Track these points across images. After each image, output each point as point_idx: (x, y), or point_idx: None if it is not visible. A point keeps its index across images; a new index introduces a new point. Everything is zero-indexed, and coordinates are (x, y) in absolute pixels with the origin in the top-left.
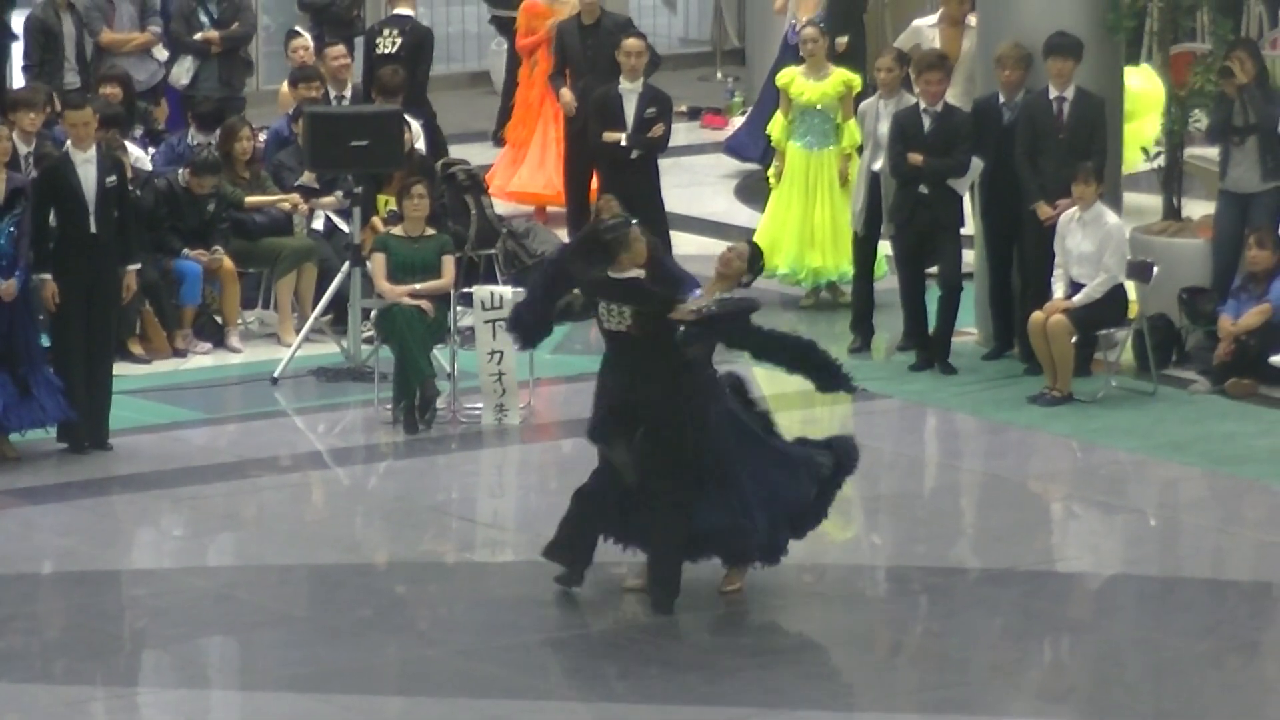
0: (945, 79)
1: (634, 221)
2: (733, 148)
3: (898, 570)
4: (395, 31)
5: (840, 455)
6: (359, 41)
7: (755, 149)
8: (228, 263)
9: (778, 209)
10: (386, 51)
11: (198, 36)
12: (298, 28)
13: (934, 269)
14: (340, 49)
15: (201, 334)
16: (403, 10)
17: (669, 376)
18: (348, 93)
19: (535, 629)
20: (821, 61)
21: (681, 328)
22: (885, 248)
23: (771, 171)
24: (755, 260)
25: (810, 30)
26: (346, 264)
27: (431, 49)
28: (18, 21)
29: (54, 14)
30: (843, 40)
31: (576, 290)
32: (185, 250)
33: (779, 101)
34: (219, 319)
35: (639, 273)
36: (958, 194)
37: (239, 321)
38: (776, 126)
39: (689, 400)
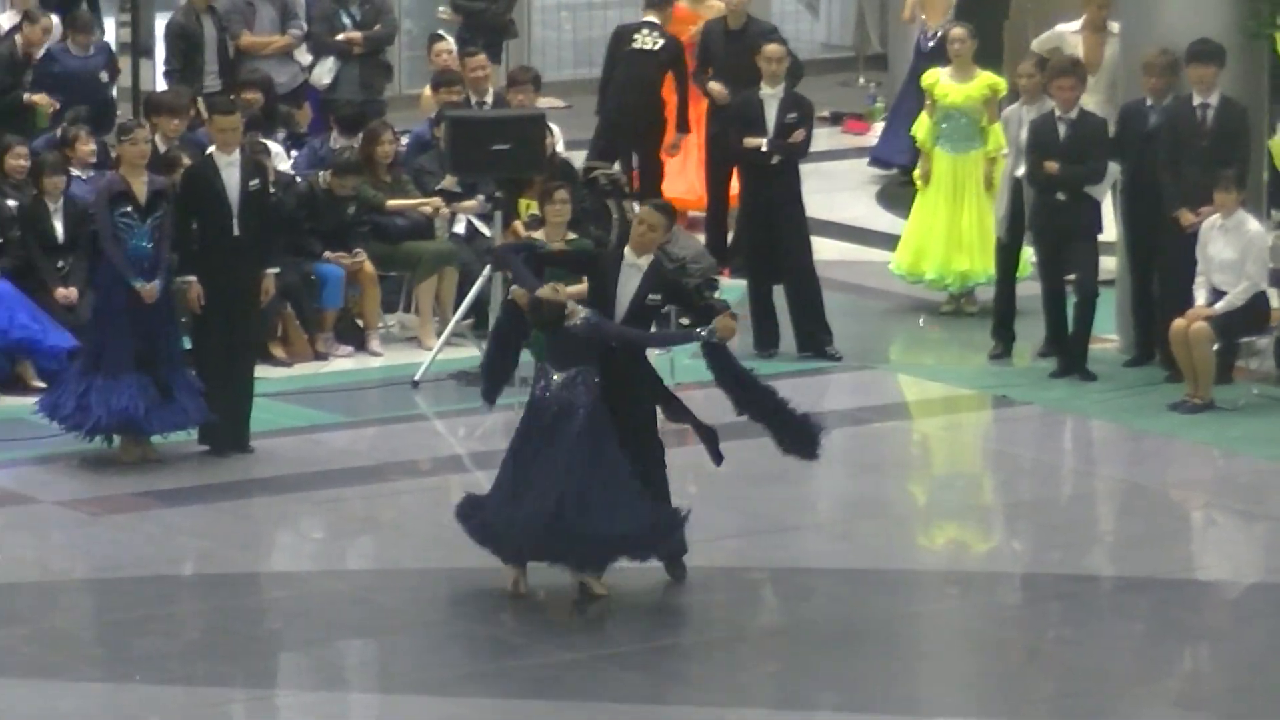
0: (1078, 85)
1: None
2: (877, 158)
3: (1035, 577)
4: (657, 33)
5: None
6: (510, 45)
7: (899, 153)
8: (368, 266)
9: (923, 213)
10: (647, 48)
11: (339, 38)
12: (441, 31)
13: (1073, 276)
14: (481, 58)
15: (342, 337)
16: (653, 18)
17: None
18: (489, 99)
19: (671, 634)
20: (968, 64)
21: None
22: (1031, 252)
23: (917, 173)
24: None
25: (958, 31)
26: (487, 268)
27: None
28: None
29: (195, 18)
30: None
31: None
32: (326, 253)
33: (915, 107)
34: (360, 322)
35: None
36: (1095, 200)
37: (379, 325)
38: (921, 128)
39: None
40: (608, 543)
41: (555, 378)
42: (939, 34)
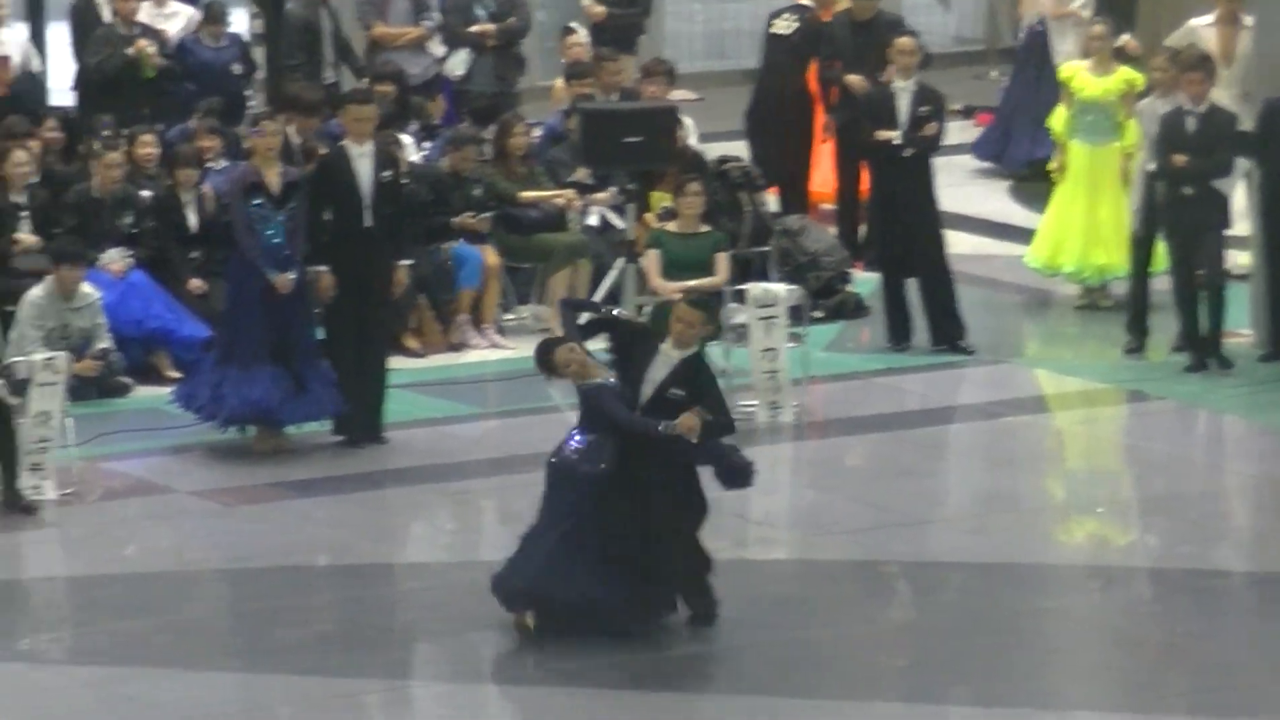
0: (1207, 79)
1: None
2: (977, 146)
3: (1168, 572)
4: (795, 17)
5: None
6: (644, 37)
7: (992, 149)
8: (492, 256)
9: (1061, 206)
10: (780, 32)
11: (473, 30)
12: (573, 24)
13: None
14: (618, 64)
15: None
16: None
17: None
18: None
19: (803, 627)
20: (1106, 58)
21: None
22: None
23: (1053, 165)
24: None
25: (1098, 28)
26: (620, 260)
27: (823, 40)
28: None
29: (314, 10)
30: (1127, 39)
31: None
32: (454, 220)
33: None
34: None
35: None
36: (1223, 194)
37: (511, 316)
38: (1058, 121)
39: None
40: (572, 605)
41: (573, 441)
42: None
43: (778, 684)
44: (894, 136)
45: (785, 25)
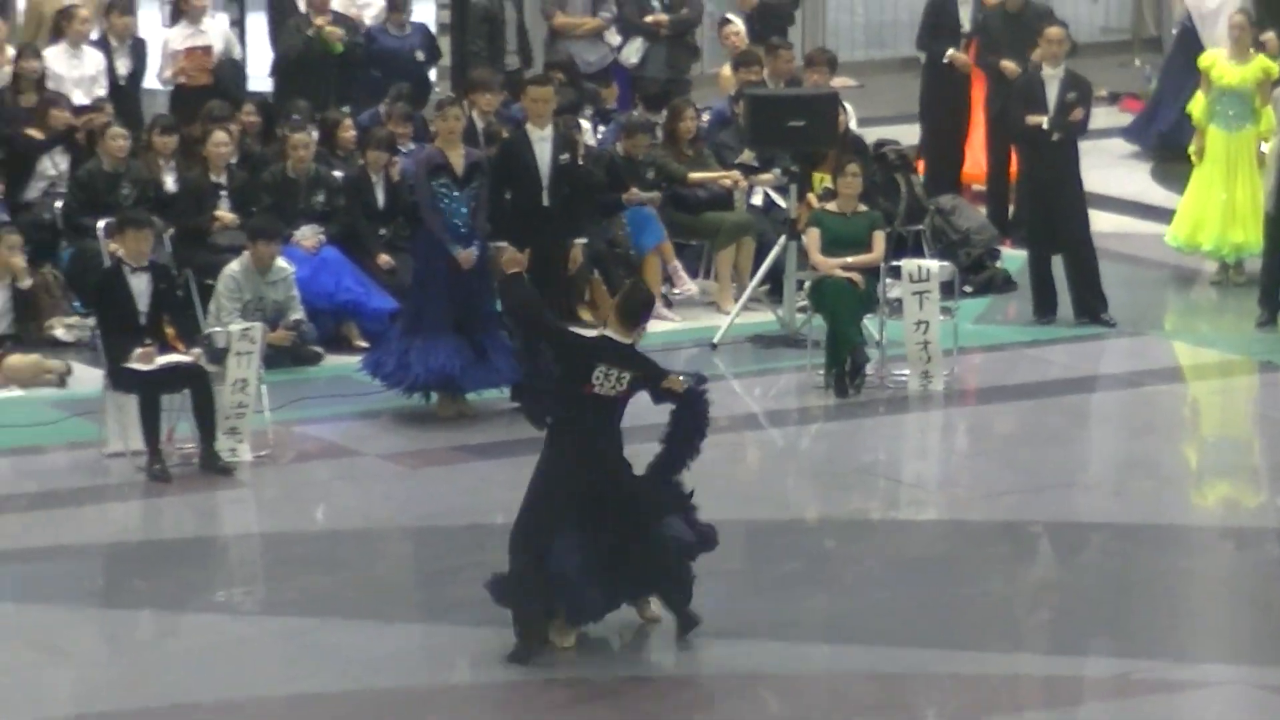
0: None
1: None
2: (1128, 131)
3: None
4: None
5: (702, 535)
6: (806, 28)
7: (1145, 137)
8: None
9: (1199, 187)
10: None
11: (647, 20)
12: (729, 14)
13: None
14: (790, 52)
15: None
16: None
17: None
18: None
19: (952, 584)
20: (1245, 47)
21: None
22: None
23: (1192, 149)
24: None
25: (1238, 17)
26: (783, 238)
27: (978, 29)
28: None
29: (497, 1)
30: (1270, 36)
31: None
32: (624, 196)
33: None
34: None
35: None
36: None
37: (678, 291)
38: (1197, 106)
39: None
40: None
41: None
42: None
43: (926, 637)
44: (1043, 121)
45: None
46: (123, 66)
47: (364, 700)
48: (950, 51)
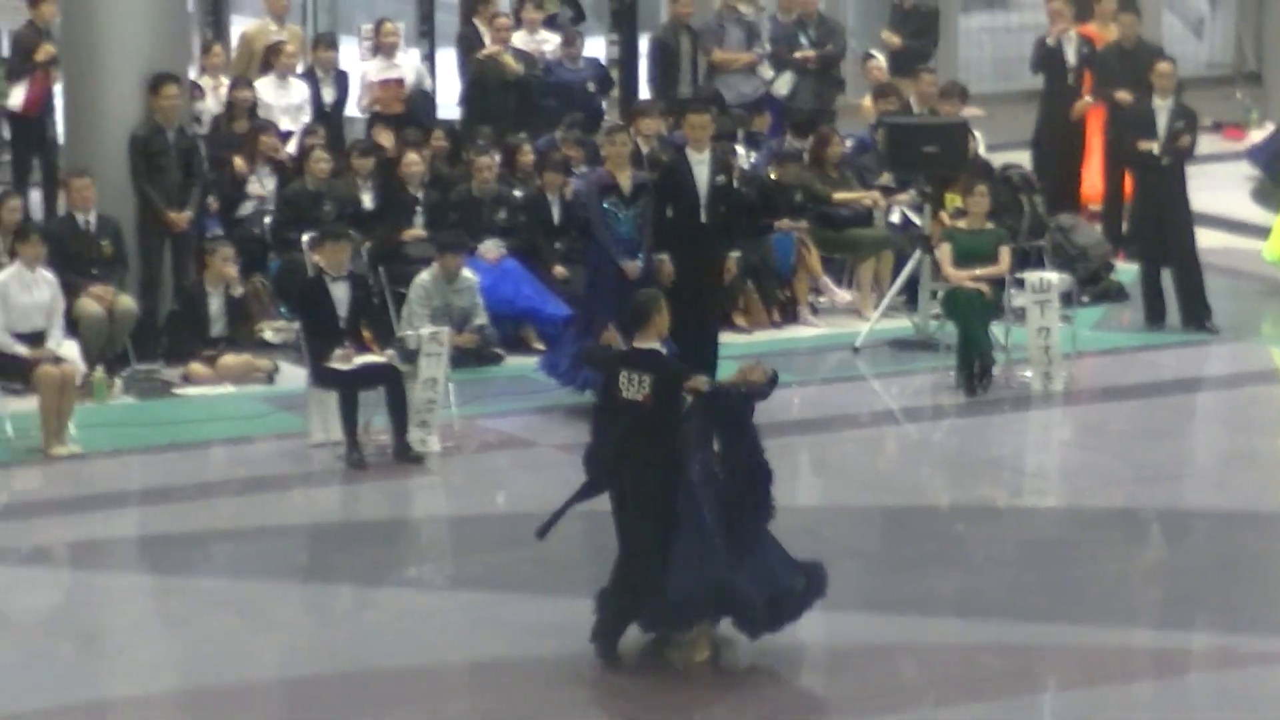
0: None
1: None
2: (1252, 155)
3: None
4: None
5: (812, 579)
6: (941, 61)
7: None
8: (809, 251)
9: None
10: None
11: (796, 55)
12: (872, 50)
13: None
14: (932, 76)
15: (786, 311)
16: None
17: (666, 448)
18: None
19: (1070, 565)
20: None
21: (688, 400)
22: None
23: None
24: (774, 381)
25: None
26: (918, 251)
27: (1095, 64)
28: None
29: (674, 35)
30: None
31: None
32: (776, 223)
33: None
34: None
35: (658, 346)
36: None
37: (824, 299)
38: None
39: (675, 471)
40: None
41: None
42: None
43: (1047, 612)
44: (1154, 147)
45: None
46: (328, 96)
47: (534, 667)
48: (1081, 103)
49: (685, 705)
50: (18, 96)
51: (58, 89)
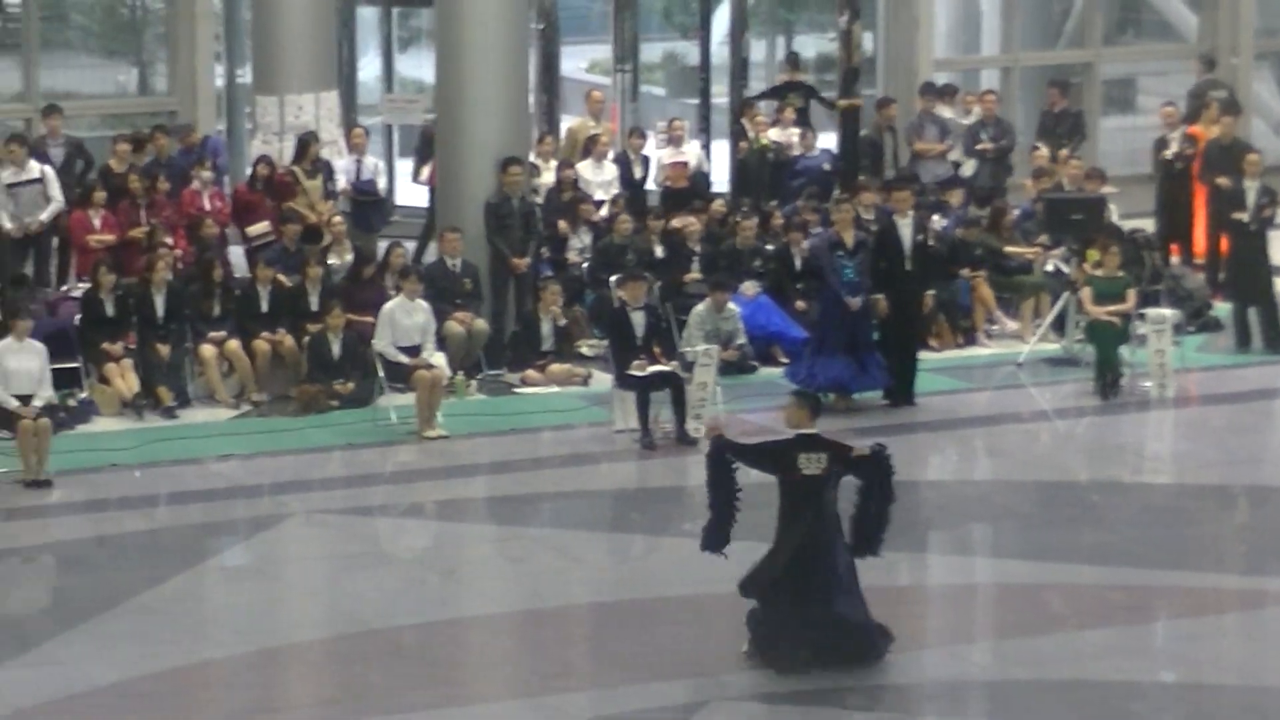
0: None
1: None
2: None
3: None
4: (1187, 145)
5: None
6: (1085, 147)
7: None
8: (984, 289)
9: None
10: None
11: (978, 147)
12: (1036, 143)
13: None
14: (1079, 162)
15: (970, 335)
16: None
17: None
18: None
19: (1178, 526)
20: None
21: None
22: None
23: None
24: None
25: None
26: (1066, 293)
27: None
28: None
29: (878, 132)
30: None
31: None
32: (961, 272)
33: None
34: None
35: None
36: None
37: (996, 326)
38: None
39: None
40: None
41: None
42: None
43: (1160, 561)
44: (1244, 217)
45: (1172, 151)
46: (637, 173)
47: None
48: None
49: (918, 629)
50: (425, 174)
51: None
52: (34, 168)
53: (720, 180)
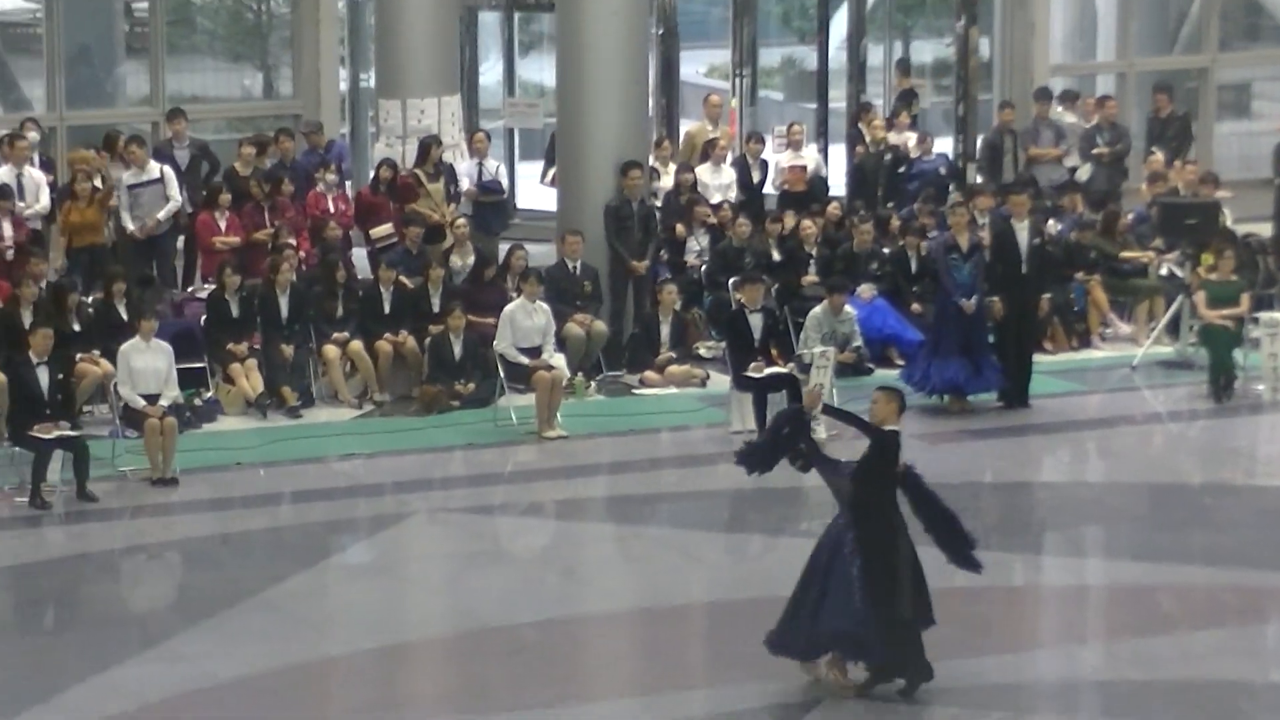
0: None
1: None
2: None
3: None
4: None
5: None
6: (1199, 152)
7: None
8: (1099, 293)
9: None
10: None
11: (1094, 151)
12: (1153, 148)
13: None
14: (1194, 166)
15: (1084, 338)
16: None
17: None
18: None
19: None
20: None
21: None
22: None
23: None
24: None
25: None
26: (1180, 296)
27: None
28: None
29: (1000, 137)
30: None
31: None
32: (1076, 275)
33: None
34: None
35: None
36: None
37: (1110, 329)
38: None
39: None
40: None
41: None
42: None
43: (1273, 564)
44: None
45: None
46: (755, 177)
47: None
48: None
49: (1032, 629)
50: (550, 176)
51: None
52: (154, 168)
53: (837, 184)
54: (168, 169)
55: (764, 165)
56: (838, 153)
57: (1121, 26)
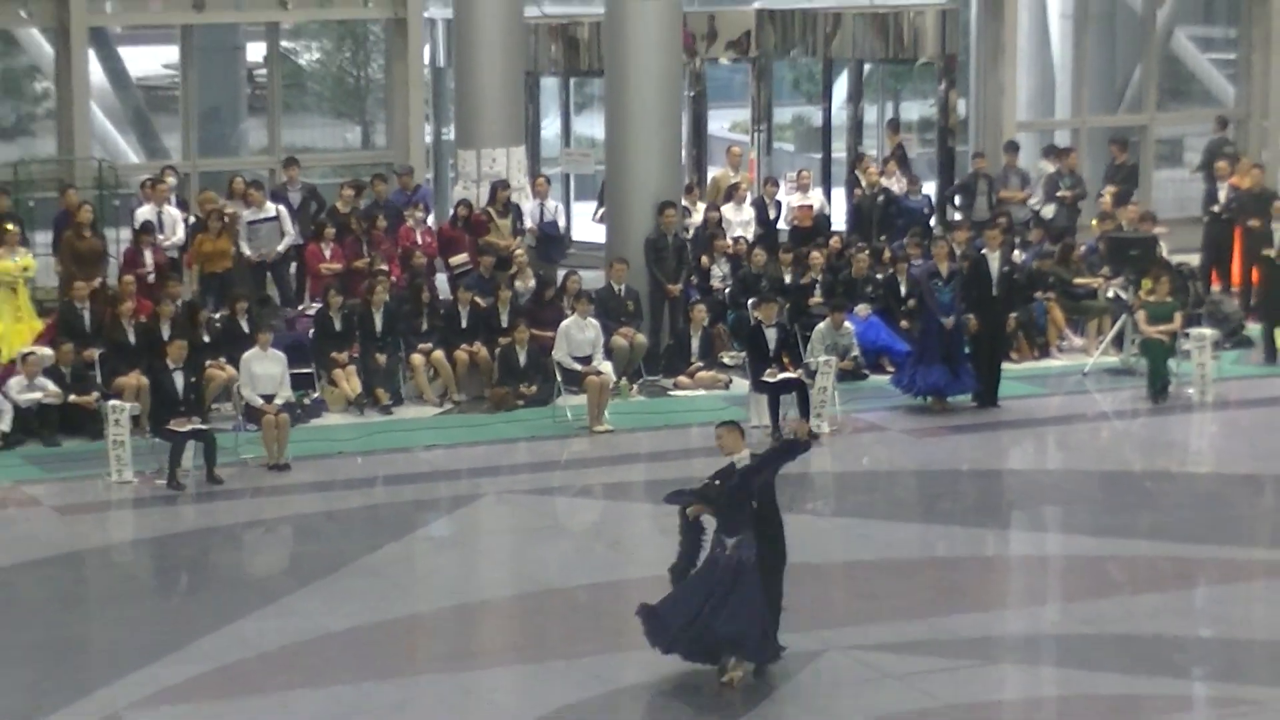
0: None
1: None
2: None
3: None
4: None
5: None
6: (1139, 196)
7: None
8: (1056, 311)
9: None
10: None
11: (1058, 194)
12: (1102, 191)
13: None
14: (1136, 206)
15: (1045, 350)
16: None
17: None
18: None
19: (1217, 507)
20: None
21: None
22: None
23: None
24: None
25: None
26: (1124, 315)
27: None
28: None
29: (974, 180)
30: None
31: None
32: (1036, 294)
33: None
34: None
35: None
36: None
37: (1065, 343)
38: None
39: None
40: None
41: (729, 542)
42: None
43: (1203, 537)
44: (1272, 253)
45: (1219, 205)
46: (771, 214)
47: (889, 564)
48: (1251, 223)
49: (1000, 592)
50: (599, 213)
51: None
52: (270, 207)
53: (839, 220)
54: (282, 208)
55: (778, 205)
56: (839, 195)
57: (1076, 90)
